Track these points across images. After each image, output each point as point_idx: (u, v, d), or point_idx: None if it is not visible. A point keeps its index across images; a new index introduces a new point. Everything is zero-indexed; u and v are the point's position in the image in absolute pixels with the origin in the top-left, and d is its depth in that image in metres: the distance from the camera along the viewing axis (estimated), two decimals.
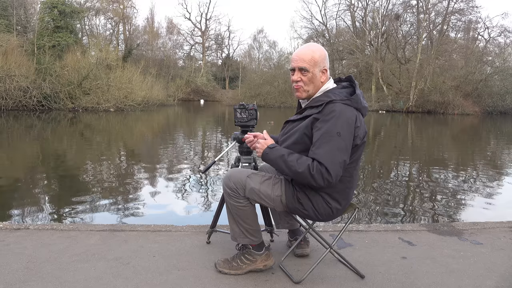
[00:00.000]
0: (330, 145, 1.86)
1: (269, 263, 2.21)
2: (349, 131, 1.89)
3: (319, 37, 42.17)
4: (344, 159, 1.88)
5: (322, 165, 1.84)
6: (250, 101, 31.53)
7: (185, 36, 56.15)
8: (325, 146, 1.86)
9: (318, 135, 1.89)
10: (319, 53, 2.01)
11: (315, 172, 1.84)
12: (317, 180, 1.85)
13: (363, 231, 2.94)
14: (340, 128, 1.87)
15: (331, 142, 1.86)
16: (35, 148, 10.21)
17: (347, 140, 1.88)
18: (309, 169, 1.85)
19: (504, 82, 32.38)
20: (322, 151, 1.86)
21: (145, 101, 26.75)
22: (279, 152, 1.96)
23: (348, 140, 1.89)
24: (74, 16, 29.88)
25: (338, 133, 1.86)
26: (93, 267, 2.27)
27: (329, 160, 1.84)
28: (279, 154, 1.95)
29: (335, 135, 1.86)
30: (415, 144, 13.57)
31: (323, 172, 1.84)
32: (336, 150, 1.86)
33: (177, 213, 4.83)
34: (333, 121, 1.87)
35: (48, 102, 22.88)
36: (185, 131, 16.37)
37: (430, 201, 5.55)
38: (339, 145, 1.86)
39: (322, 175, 1.84)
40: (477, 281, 2.18)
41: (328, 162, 1.84)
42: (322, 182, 1.85)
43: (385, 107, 33.22)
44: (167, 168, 7.67)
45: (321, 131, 1.89)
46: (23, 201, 5.13)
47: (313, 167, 1.85)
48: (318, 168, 1.84)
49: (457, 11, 33.39)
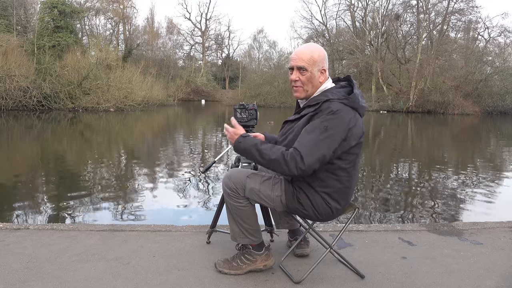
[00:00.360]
0: (311, 136, 1.85)
1: (269, 263, 2.21)
2: (340, 129, 1.87)
3: (319, 37, 42.16)
4: (324, 153, 1.85)
5: (298, 152, 1.83)
6: (250, 101, 31.50)
7: (185, 36, 56.21)
8: (307, 136, 1.86)
9: (307, 128, 1.91)
10: (318, 53, 2.01)
11: (289, 158, 1.84)
12: (290, 166, 1.83)
13: (363, 231, 2.94)
14: (329, 123, 1.86)
15: (314, 134, 1.86)
16: (35, 148, 10.22)
17: (333, 137, 1.86)
18: (283, 155, 1.85)
19: (504, 82, 32.36)
20: (302, 140, 1.86)
21: (145, 101, 26.75)
22: (252, 141, 1.96)
23: (336, 137, 1.86)
24: (74, 16, 29.89)
25: (325, 127, 1.85)
26: (93, 267, 2.27)
27: (306, 149, 1.83)
28: (252, 143, 1.95)
29: (321, 128, 1.86)
30: (415, 144, 13.57)
31: (297, 160, 1.82)
32: (317, 142, 1.84)
33: (177, 213, 4.84)
34: (324, 116, 1.88)
35: (48, 102, 22.89)
36: (185, 131, 16.37)
37: (430, 201, 5.55)
38: (321, 138, 1.84)
39: (296, 162, 1.82)
40: (477, 281, 2.18)
41: (305, 151, 1.83)
42: (295, 169, 1.83)
43: (385, 107, 33.22)
44: (167, 168, 7.67)
45: (310, 125, 1.90)
46: (23, 201, 5.14)
47: (287, 153, 1.85)
48: (293, 155, 1.83)
49: (457, 11, 33.39)
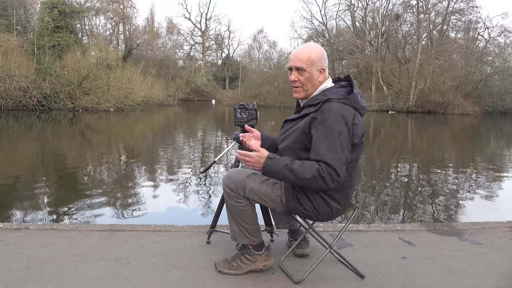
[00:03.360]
0: (333, 146, 1.86)
1: (269, 263, 2.21)
2: (347, 129, 1.90)
3: (319, 37, 42.13)
4: (347, 156, 1.90)
5: (330, 166, 1.84)
6: (250, 101, 31.53)
7: (185, 36, 56.16)
8: (329, 147, 1.86)
9: (319, 136, 1.89)
10: (316, 52, 2.01)
11: (326, 175, 1.83)
12: (328, 183, 1.85)
13: (363, 231, 2.94)
14: (339, 127, 1.87)
15: (334, 143, 1.86)
16: (35, 148, 10.22)
17: (347, 138, 1.89)
18: (319, 172, 1.84)
19: (504, 82, 32.32)
20: (327, 152, 1.85)
21: (145, 101, 26.76)
22: (282, 162, 1.91)
23: (348, 138, 1.90)
24: (74, 16, 29.89)
25: (339, 132, 1.87)
26: (93, 267, 2.27)
27: (335, 160, 1.84)
28: (283, 163, 1.90)
29: (336, 134, 1.87)
30: (415, 144, 13.57)
31: (332, 173, 1.84)
32: (339, 150, 1.86)
33: (177, 213, 4.84)
34: (331, 120, 1.88)
35: (48, 102, 22.89)
36: (185, 131, 16.37)
37: (430, 201, 5.55)
38: (341, 144, 1.87)
39: (331, 176, 1.84)
40: (477, 281, 2.18)
41: (335, 163, 1.84)
42: (332, 183, 1.85)
43: (385, 107, 33.21)
44: (167, 168, 7.67)
45: (321, 131, 1.89)
46: (23, 201, 5.14)
47: (322, 170, 1.84)
48: (328, 170, 1.84)
49: (457, 11, 33.36)
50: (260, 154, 1.94)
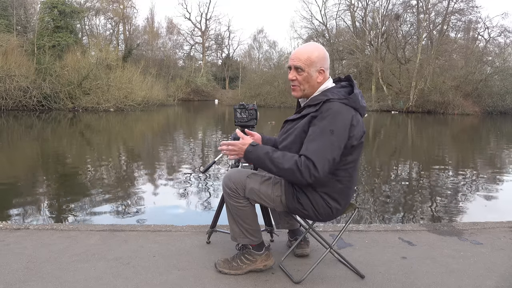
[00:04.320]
0: (320, 141, 1.85)
1: (269, 263, 2.21)
2: (343, 130, 1.88)
3: (319, 37, 42.13)
4: (334, 157, 1.87)
5: (310, 160, 1.83)
6: (250, 101, 31.52)
7: (185, 36, 56.19)
8: (315, 142, 1.86)
9: (312, 132, 1.89)
10: (316, 53, 2.00)
11: (303, 168, 1.82)
12: (305, 176, 1.83)
13: (363, 231, 2.94)
14: (334, 126, 1.86)
15: (322, 139, 1.85)
16: (35, 148, 10.22)
17: (340, 139, 1.87)
18: (297, 164, 1.83)
19: (504, 82, 32.34)
20: (311, 147, 1.85)
21: (145, 101, 26.76)
22: (263, 150, 1.93)
23: (341, 138, 1.88)
24: (74, 16, 29.88)
25: (331, 131, 1.86)
26: (93, 267, 2.27)
27: (317, 155, 1.83)
28: (264, 151, 1.92)
29: (327, 132, 1.86)
30: (415, 144, 13.57)
31: (310, 167, 1.82)
32: (326, 147, 1.84)
33: (177, 213, 4.84)
34: (329, 119, 1.87)
35: (48, 102, 22.89)
36: (185, 131, 16.37)
37: (430, 201, 5.55)
38: (330, 142, 1.85)
39: (309, 170, 1.82)
40: (477, 281, 2.18)
41: (316, 158, 1.82)
42: (309, 177, 1.83)
43: (385, 107, 33.22)
44: (167, 168, 7.67)
45: (314, 128, 1.89)
46: (23, 201, 5.13)
47: (300, 162, 1.83)
48: (306, 163, 1.83)
49: (457, 11, 33.37)
50: (243, 142, 1.98)
